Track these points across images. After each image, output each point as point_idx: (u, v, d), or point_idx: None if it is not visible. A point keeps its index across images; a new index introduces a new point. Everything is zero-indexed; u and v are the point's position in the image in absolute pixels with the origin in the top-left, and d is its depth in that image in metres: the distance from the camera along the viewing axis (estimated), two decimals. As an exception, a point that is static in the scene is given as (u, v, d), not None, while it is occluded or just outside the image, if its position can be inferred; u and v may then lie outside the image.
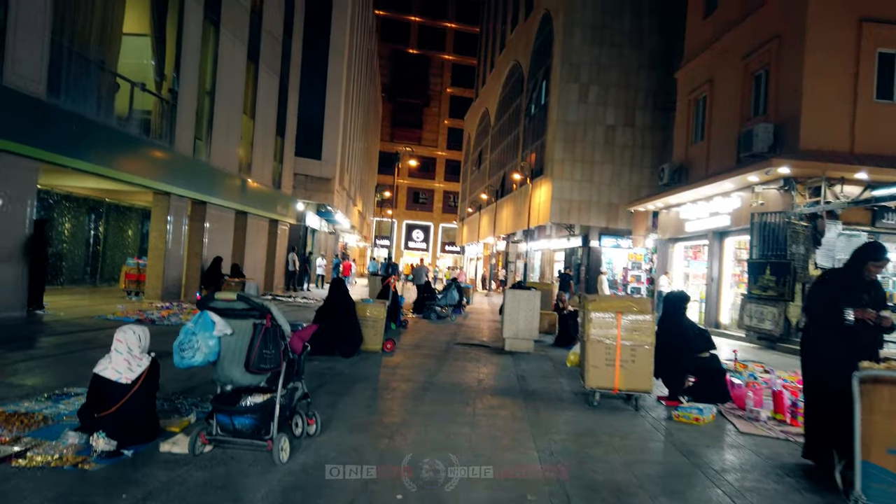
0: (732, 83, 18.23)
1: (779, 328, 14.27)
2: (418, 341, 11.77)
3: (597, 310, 6.44)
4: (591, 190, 29.14)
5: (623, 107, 29.09)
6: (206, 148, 18.00)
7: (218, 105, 18.37)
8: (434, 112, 79.30)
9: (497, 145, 46.55)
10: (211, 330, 4.07)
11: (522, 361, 9.89)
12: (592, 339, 6.44)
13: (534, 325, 10.96)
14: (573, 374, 8.64)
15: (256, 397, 4.40)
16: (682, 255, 21.49)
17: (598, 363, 6.44)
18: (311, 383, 6.86)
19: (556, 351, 11.69)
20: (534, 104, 34.81)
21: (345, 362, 8.62)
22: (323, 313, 9.31)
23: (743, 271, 17.73)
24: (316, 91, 27.55)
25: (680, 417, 6.18)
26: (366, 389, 6.88)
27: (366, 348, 9.68)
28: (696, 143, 20.63)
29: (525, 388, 7.52)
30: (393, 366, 8.72)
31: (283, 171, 24.75)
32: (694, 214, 19.60)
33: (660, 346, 6.58)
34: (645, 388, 6.43)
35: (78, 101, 12.21)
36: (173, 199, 15.99)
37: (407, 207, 76.38)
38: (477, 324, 16.76)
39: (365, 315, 9.76)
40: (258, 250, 22.61)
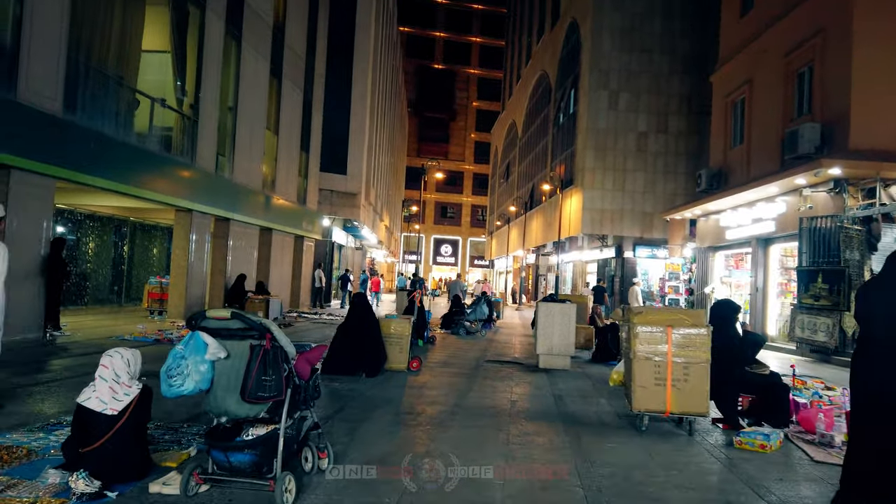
0: (773, 83, 17.37)
1: (833, 340, 13.29)
2: (446, 358, 11.15)
3: (644, 323, 5.75)
4: (623, 199, 28.28)
5: (655, 113, 28.26)
6: (229, 164, 17.74)
7: (240, 121, 18.14)
8: (460, 126, 79.15)
9: (525, 157, 45.92)
10: (203, 353, 3.52)
11: (559, 380, 9.19)
12: (640, 356, 5.74)
13: (570, 340, 10.26)
14: (615, 394, 7.92)
15: (258, 429, 3.83)
16: (723, 265, 20.52)
17: (646, 383, 5.74)
18: (329, 407, 6.31)
19: (594, 368, 10.95)
20: (562, 113, 34.16)
21: (368, 383, 8.04)
22: (344, 330, 8.75)
23: (790, 280, 16.76)
24: (341, 106, 27.34)
25: (743, 444, 5.44)
26: (388, 414, 6.28)
27: (390, 367, 9.10)
28: (734, 148, 19.74)
29: (563, 411, 6.84)
30: (419, 386, 8.11)
31: (308, 187, 24.47)
32: (735, 221, 18.66)
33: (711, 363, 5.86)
34: (700, 410, 5.71)
35: (95, 117, 11.96)
36: (195, 216, 15.70)
37: (435, 222, 76.08)
38: (508, 339, 16.07)
39: (389, 332, 9.18)
40: (283, 267, 22.27)
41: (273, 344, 3.54)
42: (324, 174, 26.26)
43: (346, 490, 3.98)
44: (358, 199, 27.74)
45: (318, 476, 4.17)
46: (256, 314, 15.34)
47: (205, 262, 16.48)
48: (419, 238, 39.87)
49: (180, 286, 15.53)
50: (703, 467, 4.92)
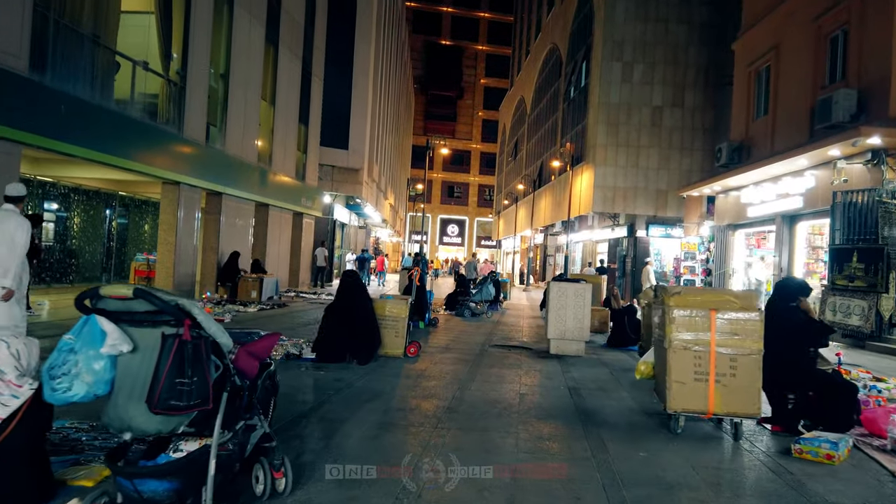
0: (802, 48, 16.13)
1: (869, 324, 12.25)
2: (448, 343, 10.20)
3: (683, 306, 4.75)
4: (636, 176, 27.10)
5: (671, 85, 26.95)
6: (221, 135, 16.73)
7: (233, 89, 17.08)
8: (468, 104, 77.60)
9: (534, 134, 44.65)
10: (99, 345, 2.56)
11: (573, 368, 8.22)
12: (676, 345, 4.76)
13: (584, 323, 9.28)
14: (637, 386, 6.95)
15: (190, 444, 2.88)
16: (743, 243, 19.43)
17: (683, 378, 4.76)
18: (308, 402, 5.37)
19: (611, 354, 9.98)
20: (573, 87, 32.86)
21: (358, 372, 7.10)
22: (333, 312, 7.80)
23: (817, 259, 15.71)
24: (342, 78, 26.16)
25: (803, 454, 4.46)
26: (375, 412, 5.33)
27: (385, 353, 8.16)
28: (758, 119, 18.55)
29: (581, 407, 5.87)
30: (415, 375, 7.16)
31: (307, 162, 23.44)
32: (758, 197, 17.55)
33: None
34: (750, 411, 4.73)
35: (67, 79, 10.94)
36: (183, 189, 14.73)
37: (441, 202, 74.90)
38: (515, 321, 15.11)
39: (384, 314, 8.23)
40: (281, 245, 21.34)
41: (195, 333, 2.57)
42: (324, 149, 25.19)
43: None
44: (360, 176, 26.69)
45: (274, 501, 3.22)
46: (246, 296, 14.19)
47: (195, 239, 15.54)
48: (423, 217, 38.62)
49: (168, 264, 14.61)
50: (762, 487, 3.95)
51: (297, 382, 6.37)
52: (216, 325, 2.70)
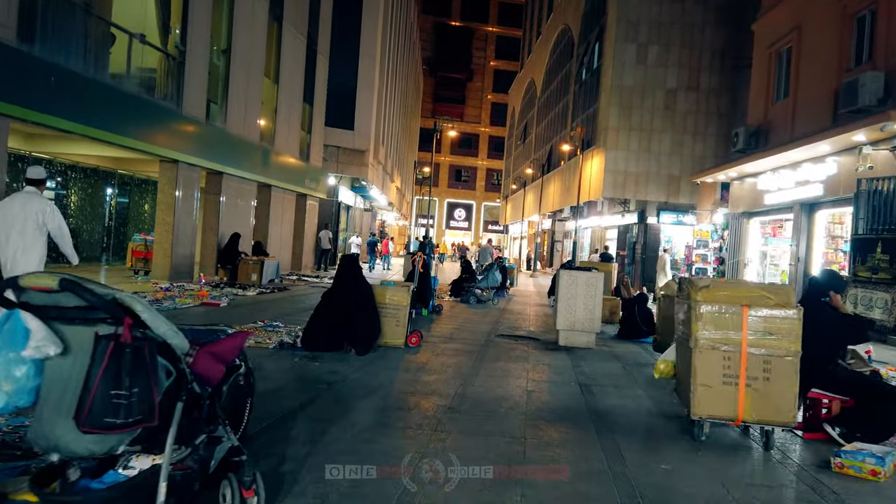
0: (827, 29, 15.45)
1: (893, 318, 11.71)
2: (452, 332, 9.75)
3: (711, 301, 4.27)
4: (648, 161, 26.45)
5: (686, 68, 26.19)
6: (222, 113, 16.24)
7: (235, 66, 16.55)
8: (477, 87, 76.63)
9: (543, 117, 43.90)
10: (21, 346, 2.10)
11: (583, 361, 7.77)
12: (703, 344, 4.28)
13: (596, 314, 8.81)
14: (654, 383, 6.50)
15: (143, 460, 2.44)
16: (758, 232, 18.85)
17: (711, 381, 4.29)
18: (297, 398, 4.94)
19: (622, 346, 9.52)
20: (585, 69, 32.10)
21: (355, 363, 6.66)
22: (330, 298, 7.35)
23: (836, 249, 15.15)
24: (348, 57, 25.55)
25: (845, 469, 4.00)
26: (370, 410, 4.90)
27: (385, 342, 7.72)
28: (777, 103, 17.89)
29: (594, 408, 5.42)
30: (416, 368, 6.73)
31: (311, 142, 22.93)
32: (775, 184, 16.94)
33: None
34: (784, 419, 4.26)
35: (58, 50, 10.46)
36: (182, 167, 14.28)
37: (449, 185, 74.26)
38: (522, 309, 14.66)
39: (384, 301, 7.78)
40: (284, 226, 20.91)
41: (137, 334, 2.11)
42: (329, 129, 24.66)
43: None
44: (366, 157, 26.17)
45: (244, 524, 2.79)
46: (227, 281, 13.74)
47: (194, 219, 15.13)
48: (429, 201, 38.01)
49: (165, 244, 14.20)
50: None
51: (288, 375, 5.95)
52: (166, 323, 2.24)
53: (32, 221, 5.82)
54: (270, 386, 5.44)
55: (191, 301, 10.63)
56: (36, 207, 5.84)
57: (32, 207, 5.83)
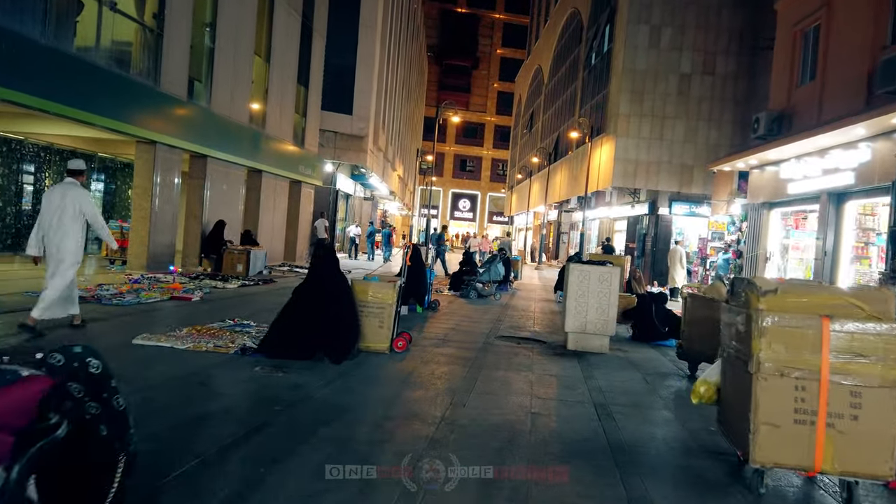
0: (860, 4, 14.22)
1: (937, 320, 10.59)
2: (447, 333, 8.68)
3: (780, 310, 3.19)
4: (660, 149, 25.22)
5: (701, 51, 24.91)
6: (207, 91, 15.15)
7: (221, 41, 15.44)
8: (483, 75, 75.32)
9: (551, 105, 42.64)
10: None
11: (596, 371, 6.69)
12: (768, 369, 3.20)
13: (610, 315, 7.73)
14: (682, 400, 5.43)
15: None
16: (779, 224, 17.68)
17: (777, 418, 3.21)
18: (244, 424, 3.90)
19: (638, 350, 8.43)
20: (594, 53, 30.82)
21: (327, 374, 5.60)
22: (301, 296, 6.28)
23: (867, 243, 14.01)
24: (347, 38, 24.38)
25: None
26: (329, 443, 3.83)
27: (367, 347, 6.65)
28: (802, 86, 16.66)
29: (614, 439, 4.34)
30: (399, 380, 5.66)
31: (307, 126, 21.81)
32: (800, 172, 15.75)
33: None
34: (879, 471, 3.17)
35: (12, 14, 9.39)
36: (160, 149, 13.22)
37: (453, 175, 73.11)
38: (526, 305, 13.58)
39: (366, 299, 6.71)
40: (276, 215, 19.84)
41: None
42: (326, 113, 23.52)
43: None
44: (365, 143, 25.03)
45: None
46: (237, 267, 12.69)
47: (175, 205, 14.10)
48: (430, 191, 36.72)
49: (142, 232, 13.17)
50: None
51: (239, 391, 4.90)
52: None
53: (70, 209, 6.34)
54: (213, 407, 4.40)
55: (158, 295, 9.58)
56: (74, 197, 6.37)
57: (71, 196, 6.35)
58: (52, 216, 6.31)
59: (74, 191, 6.42)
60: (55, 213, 6.31)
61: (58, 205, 6.32)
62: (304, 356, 6.01)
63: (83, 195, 6.48)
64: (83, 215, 6.42)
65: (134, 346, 6.09)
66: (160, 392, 4.68)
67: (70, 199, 6.33)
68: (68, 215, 6.32)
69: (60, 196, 6.37)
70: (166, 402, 4.43)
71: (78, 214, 6.39)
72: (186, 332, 6.96)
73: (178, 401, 4.50)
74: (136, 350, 5.98)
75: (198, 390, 4.82)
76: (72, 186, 6.45)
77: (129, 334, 6.46)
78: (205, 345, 6.39)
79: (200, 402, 4.50)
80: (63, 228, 6.32)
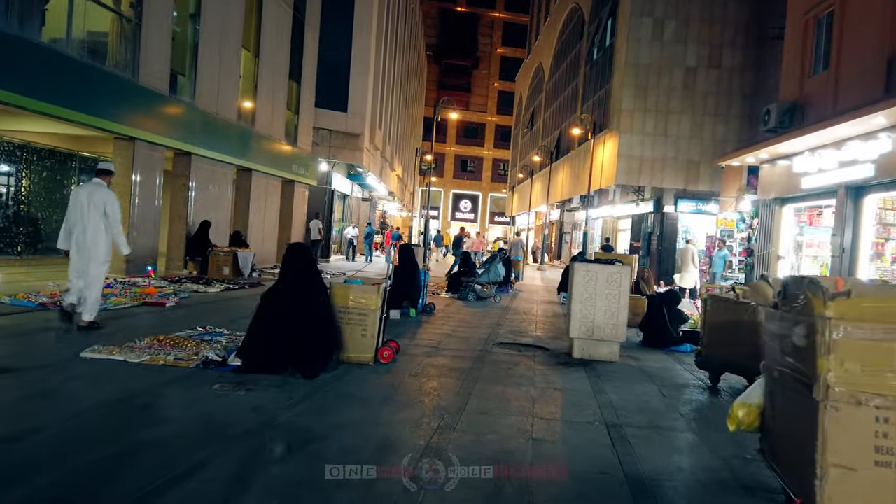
0: (877, -13, 13.46)
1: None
2: (441, 339, 7.93)
3: (855, 319, 2.45)
4: (665, 145, 24.46)
5: (706, 44, 24.16)
6: (191, 85, 14.44)
7: (206, 33, 14.72)
8: (483, 74, 74.60)
9: (552, 102, 41.90)
10: None
11: (607, 383, 5.94)
12: (841, 396, 2.46)
13: (620, 319, 6.98)
14: (708, 420, 4.69)
15: None
16: (792, 220, 16.91)
17: (852, 460, 2.47)
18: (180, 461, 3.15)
19: (651, 357, 7.67)
20: (596, 48, 30.09)
21: (297, 391, 4.87)
22: (270, 302, 5.54)
23: (888, 238, 13.27)
24: (341, 32, 23.67)
25: None
26: (281, 488, 3.08)
27: (348, 358, 5.92)
28: (815, 75, 15.90)
29: (633, 472, 3.59)
30: (379, 398, 4.92)
31: (299, 123, 21.08)
32: (814, 166, 14.97)
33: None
34: None
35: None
36: (140, 146, 12.51)
37: (454, 176, 72.36)
38: (528, 307, 12.82)
39: (346, 304, 5.97)
40: (268, 215, 19.11)
41: None
42: (320, 111, 22.81)
43: None
44: (361, 141, 24.30)
45: None
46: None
47: (157, 205, 13.38)
48: (429, 190, 35.72)
49: (120, 234, 12.41)
50: None
51: (190, 414, 4.16)
52: None
53: (97, 210, 6.51)
54: (150, 437, 3.66)
55: (128, 301, 8.84)
56: (100, 196, 6.56)
57: (97, 196, 6.53)
58: (79, 215, 6.52)
59: (101, 191, 6.63)
60: (82, 211, 6.51)
61: (84, 204, 6.52)
62: (274, 370, 5.28)
63: (109, 196, 6.68)
64: (107, 215, 6.61)
65: (81, 360, 5.35)
66: (92, 418, 3.95)
67: (97, 199, 6.54)
68: (96, 214, 6.53)
69: (87, 195, 6.57)
70: (95, 432, 3.70)
71: (104, 214, 6.58)
72: (147, 342, 6.23)
73: (110, 430, 3.77)
74: (83, 365, 5.25)
75: (137, 416, 4.09)
76: (98, 186, 6.66)
77: (83, 345, 5.74)
78: (163, 357, 5.66)
79: (135, 431, 3.77)
80: (91, 228, 6.54)
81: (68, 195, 16.25)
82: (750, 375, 5.59)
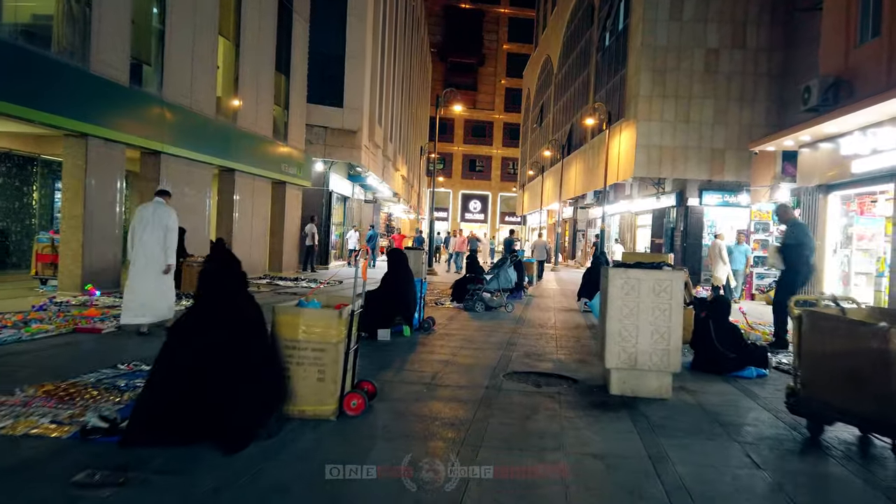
0: (940, -65, 11.61)
1: None
2: (437, 370, 6.18)
3: None
4: (687, 133, 22.58)
5: (729, 22, 22.26)
6: (156, 77, 12.82)
7: (174, 17, 13.10)
8: (490, 72, 72.84)
9: (562, 95, 40.08)
10: None
11: (665, 439, 4.18)
12: None
13: (672, 342, 5.22)
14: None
15: None
16: (838, 210, 15.03)
17: None
18: None
19: (709, 388, 5.88)
20: (608, 33, 28.26)
21: (203, 480, 3.16)
22: (176, 340, 3.83)
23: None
24: (335, 23, 21.99)
25: None
26: None
27: (301, 411, 4.21)
28: (862, 45, 14.03)
29: None
30: (335, 484, 3.19)
31: (289, 120, 19.44)
32: (867, 147, 13.10)
33: None
34: None
35: None
36: (94, 143, 10.89)
37: (463, 176, 70.62)
38: (544, 317, 11.05)
39: (295, 336, 4.25)
40: (256, 220, 17.46)
41: None
42: (314, 106, 21.16)
43: None
44: (359, 139, 22.62)
45: None
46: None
47: (118, 211, 11.76)
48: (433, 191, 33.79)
49: (73, 245, 10.82)
50: None
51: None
52: None
53: (160, 225, 7.36)
54: None
55: (53, 328, 7.17)
56: (161, 214, 7.43)
57: (158, 213, 7.41)
58: (142, 229, 7.30)
59: (162, 208, 7.50)
60: (144, 225, 7.31)
61: (148, 220, 7.33)
62: (177, 441, 3.57)
63: (168, 213, 7.51)
64: (165, 229, 7.38)
65: None
66: None
67: (158, 216, 7.38)
68: (156, 228, 7.32)
69: (151, 212, 7.40)
70: None
71: (165, 227, 7.39)
72: (32, 392, 4.57)
73: None
74: None
75: None
76: (160, 205, 7.54)
77: None
78: (35, 421, 3.98)
79: None
80: (151, 240, 7.31)
81: (29, 203, 14.81)
82: (882, 431, 3.82)
